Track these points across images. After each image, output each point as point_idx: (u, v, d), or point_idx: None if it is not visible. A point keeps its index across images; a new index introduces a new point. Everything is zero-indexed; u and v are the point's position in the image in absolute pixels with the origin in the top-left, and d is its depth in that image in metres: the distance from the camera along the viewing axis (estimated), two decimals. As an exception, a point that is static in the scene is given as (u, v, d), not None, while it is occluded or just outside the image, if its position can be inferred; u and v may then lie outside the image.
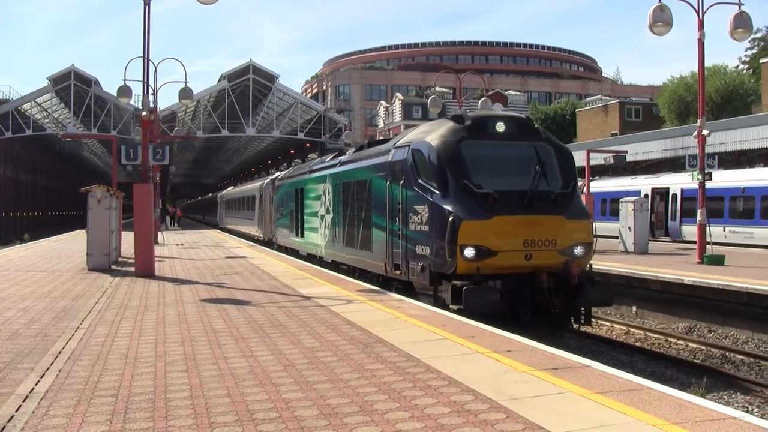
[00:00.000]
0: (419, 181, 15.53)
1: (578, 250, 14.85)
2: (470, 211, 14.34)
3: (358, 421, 6.77)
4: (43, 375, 8.80)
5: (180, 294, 16.91)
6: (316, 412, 7.07)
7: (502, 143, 15.81)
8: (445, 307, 14.23)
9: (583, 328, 16.79)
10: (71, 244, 37.22)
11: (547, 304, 14.64)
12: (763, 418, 6.93)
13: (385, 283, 18.12)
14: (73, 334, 11.60)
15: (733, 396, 13.54)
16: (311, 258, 27.14)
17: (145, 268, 21.39)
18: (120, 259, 27.05)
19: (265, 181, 43.21)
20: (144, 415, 7.06)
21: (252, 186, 52.21)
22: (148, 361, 9.55)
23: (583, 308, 15.20)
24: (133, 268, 22.15)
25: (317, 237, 25.51)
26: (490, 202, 14.44)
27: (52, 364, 9.43)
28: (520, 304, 14.36)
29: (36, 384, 8.33)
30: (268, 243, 39.68)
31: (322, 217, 24.50)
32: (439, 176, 15.06)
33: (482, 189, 14.59)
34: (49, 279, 20.23)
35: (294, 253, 31.05)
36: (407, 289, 16.57)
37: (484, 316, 13.04)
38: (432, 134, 16.08)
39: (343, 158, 23.42)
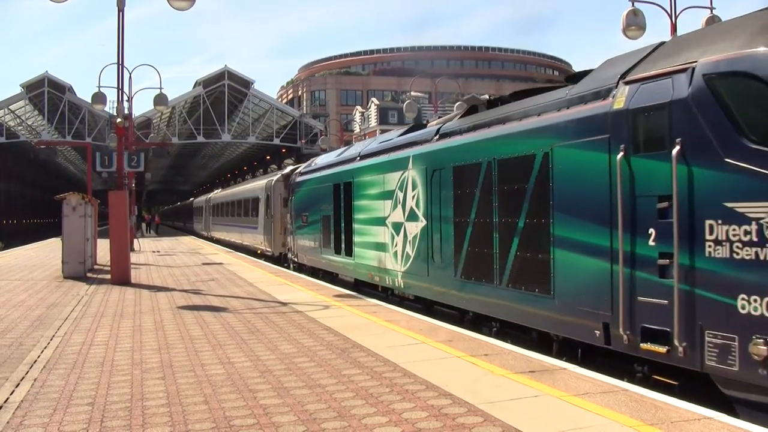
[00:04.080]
0: (748, 144, 7.53)
1: None
2: None
3: (336, 426, 6.77)
4: (18, 384, 8.73)
5: (156, 301, 16.84)
6: (294, 418, 7.06)
7: None
8: None
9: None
10: (46, 252, 36.94)
11: None
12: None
13: (587, 356, 10.03)
14: (49, 343, 11.53)
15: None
16: (362, 287, 19.41)
17: (120, 276, 21.29)
18: (96, 267, 26.90)
19: (275, 178, 33.78)
20: (121, 423, 7.03)
21: (254, 185, 40.99)
22: (124, 369, 9.51)
23: None
24: (108, 276, 22.02)
25: (385, 258, 17.03)
26: None
27: (27, 373, 9.37)
28: None
29: (11, 393, 8.27)
30: (279, 259, 31.09)
31: (397, 226, 16.27)
32: None
33: None
34: (23, 287, 20.07)
35: (328, 276, 22.70)
36: (691, 384, 8.41)
37: None
38: (757, 37, 7.84)
39: (448, 126, 14.68)
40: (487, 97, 17.04)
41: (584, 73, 11.00)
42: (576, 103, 10.24)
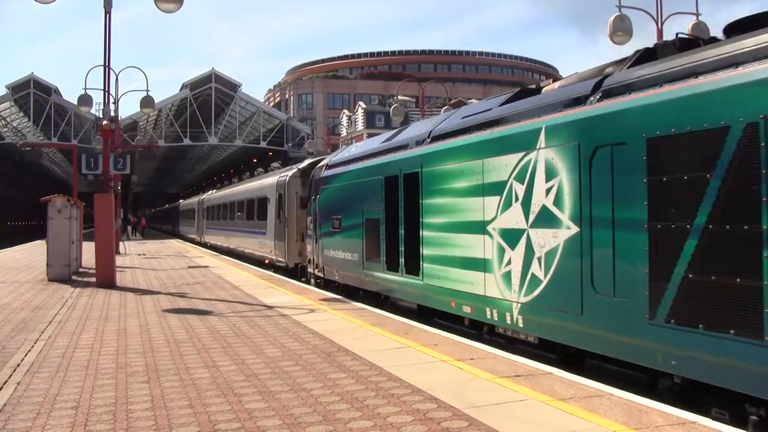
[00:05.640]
0: None
1: None
2: None
3: (321, 430, 6.75)
4: (1, 388, 8.68)
5: (141, 304, 16.77)
6: (279, 422, 7.04)
7: None
8: None
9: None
10: (31, 255, 36.78)
11: None
12: (722, 422, 7.01)
13: None
14: (33, 346, 11.46)
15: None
16: (434, 317, 14.14)
17: (106, 279, 21.21)
18: (81, 270, 26.79)
19: (290, 173, 27.59)
20: (105, 427, 7.00)
21: (261, 183, 34.67)
22: (109, 373, 9.46)
23: None
24: (94, 279, 21.95)
25: (485, 280, 11.69)
26: None
27: (10, 376, 9.31)
28: None
29: (-6, 397, 8.22)
30: (295, 272, 25.50)
31: (512, 234, 10.96)
32: None
33: None
34: (7, 290, 19.96)
35: (373, 299, 17.18)
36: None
37: None
38: None
39: (617, 79, 9.64)
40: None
41: None
42: None
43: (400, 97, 49.93)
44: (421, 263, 13.99)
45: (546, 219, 10.22)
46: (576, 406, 7.45)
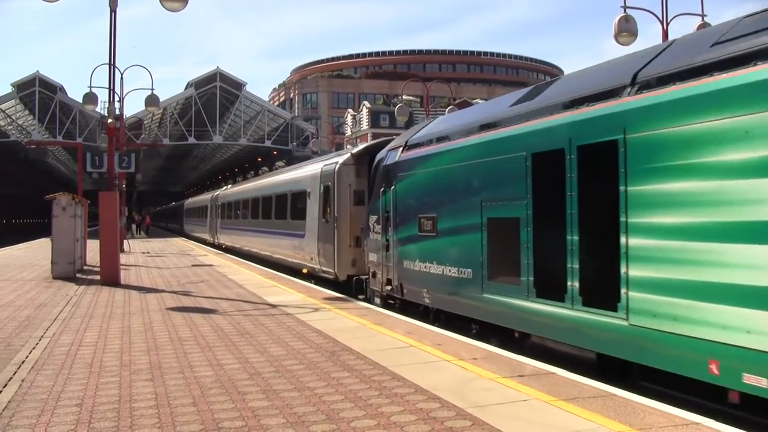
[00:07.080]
0: None
1: None
2: None
3: (325, 429, 6.76)
4: (6, 385, 8.69)
5: (146, 302, 16.79)
6: (282, 420, 7.05)
7: None
8: None
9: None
10: (35, 253, 36.81)
11: None
12: (725, 423, 7.00)
13: None
14: (37, 344, 11.48)
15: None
16: (619, 373, 8.86)
17: (110, 277, 21.23)
18: (85, 268, 26.81)
19: (340, 160, 21.43)
20: (109, 424, 7.00)
21: (297, 174, 27.53)
22: (113, 371, 9.48)
23: None
24: (98, 277, 21.97)
25: None
26: None
27: (15, 373, 9.33)
28: None
29: (-2, 394, 8.24)
30: (347, 287, 19.71)
31: None
32: None
33: None
34: (12, 288, 19.98)
35: (500, 335, 11.61)
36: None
37: None
38: None
39: None
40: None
41: None
42: None
43: (404, 97, 49.94)
44: (625, 292, 8.44)
45: None
46: (579, 406, 7.44)
